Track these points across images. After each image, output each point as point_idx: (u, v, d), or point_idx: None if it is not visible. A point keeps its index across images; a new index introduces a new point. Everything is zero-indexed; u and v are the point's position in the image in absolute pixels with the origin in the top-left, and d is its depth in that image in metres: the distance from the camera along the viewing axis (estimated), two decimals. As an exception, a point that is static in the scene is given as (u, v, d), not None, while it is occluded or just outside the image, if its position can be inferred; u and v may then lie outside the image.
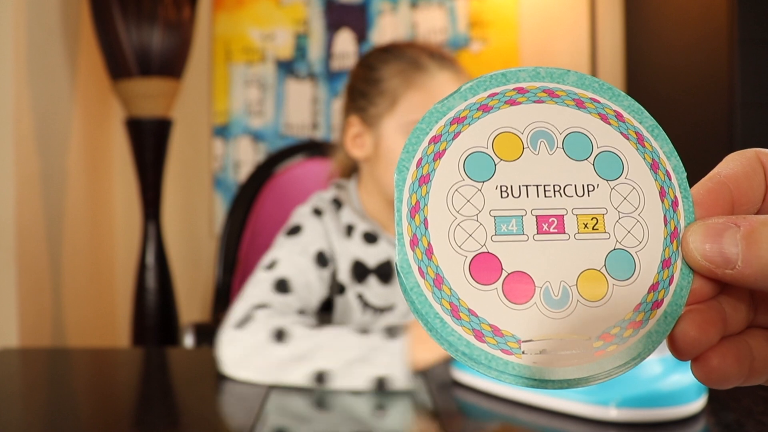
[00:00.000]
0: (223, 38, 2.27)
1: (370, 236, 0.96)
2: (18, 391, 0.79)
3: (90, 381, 0.87)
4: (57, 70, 1.85)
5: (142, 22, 1.78)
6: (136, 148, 1.88)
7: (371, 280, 0.96)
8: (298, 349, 0.77)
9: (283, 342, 0.78)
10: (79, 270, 1.95)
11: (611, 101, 0.29)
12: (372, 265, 0.96)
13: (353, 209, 0.98)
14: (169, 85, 1.87)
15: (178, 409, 0.72)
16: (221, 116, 2.27)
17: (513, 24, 2.27)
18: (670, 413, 0.65)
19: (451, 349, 0.26)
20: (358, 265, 0.95)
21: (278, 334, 0.78)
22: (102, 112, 2.18)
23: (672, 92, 1.93)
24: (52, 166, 1.79)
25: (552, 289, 0.26)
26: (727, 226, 0.25)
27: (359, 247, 0.95)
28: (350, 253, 0.95)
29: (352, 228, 0.96)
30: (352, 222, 0.96)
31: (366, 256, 0.95)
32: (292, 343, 0.77)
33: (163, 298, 1.91)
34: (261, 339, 0.79)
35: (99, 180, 2.14)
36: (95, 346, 2.02)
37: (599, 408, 0.66)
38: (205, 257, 2.29)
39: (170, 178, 2.20)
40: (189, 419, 0.72)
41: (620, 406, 0.65)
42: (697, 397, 0.67)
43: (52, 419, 0.70)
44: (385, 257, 0.96)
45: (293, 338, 0.78)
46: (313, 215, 0.96)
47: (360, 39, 2.26)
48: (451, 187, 0.27)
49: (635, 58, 2.19)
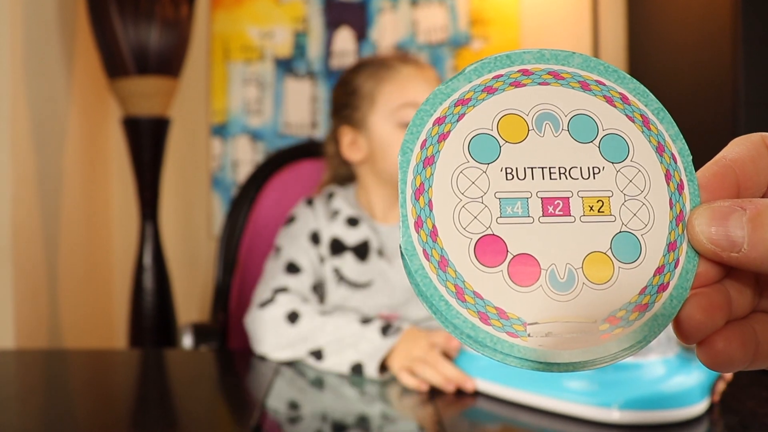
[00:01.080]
0: (221, 36, 2.27)
1: (353, 220, 1.08)
2: (14, 394, 0.79)
3: (87, 383, 0.87)
4: (54, 68, 1.85)
5: (139, 20, 1.78)
6: (134, 148, 1.88)
7: (347, 256, 1.06)
8: (305, 329, 0.90)
9: (294, 323, 0.92)
10: (76, 270, 1.95)
11: (616, 83, 0.29)
12: (350, 243, 1.06)
13: (346, 200, 1.10)
14: (167, 83, 1.87)
15: (176, 412, 0.72)
16: (219, 115, 2.27)
17: (514, 22, 2.27)
18: (673, 415, 0.65)
19: (456, 332, 0.26)
20: (336, 242, 1.06)
21: (292, 316, 0.92)
22: (99, 111, 2.18)
23: (675, 91, 1.93)
24: (49, 165, 1.79)
25: (558, 271, 0.26)
26: (732, 209, 0.25)
27: (341, 227, 1.07)
28: (332, 231, 1.07)
29: (338, 212, 1.08)
30: (339, 208, 1.09)
31: (345, 236, 1.07)
32: (301, 325, 0.91)
33: (161, 298, 1.91)
34: (277, 318, 0.93)
35: (96, 180, 2.14)
36: (92, 347, 2.02)
37: (602, 410, 0.66)
38: (203, 257, 2.29)
39: (168, 177, 2.20)
40: (187, 421, 0.72)
41: (623, 407, 0.65)
42: (700, 399, 0.67)
43: (49, 422, 0.70)
44: (363, 238, 1.07)
45: (303, 321, 0.92)
46: (306, 205, 1.11)
47: (360, 37, 2.26)
48: (455, 168, 0.27)
49: (638, 57, 2.20)
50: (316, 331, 0.90)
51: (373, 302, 1.05)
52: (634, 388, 0.66)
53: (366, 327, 0.89)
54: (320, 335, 0.89)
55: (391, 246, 1.08)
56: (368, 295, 1.04)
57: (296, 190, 1.32)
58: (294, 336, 0.91)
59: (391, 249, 1.08)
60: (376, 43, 2.26)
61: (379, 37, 2.27)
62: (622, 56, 2.28)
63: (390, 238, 1.08)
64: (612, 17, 2.28)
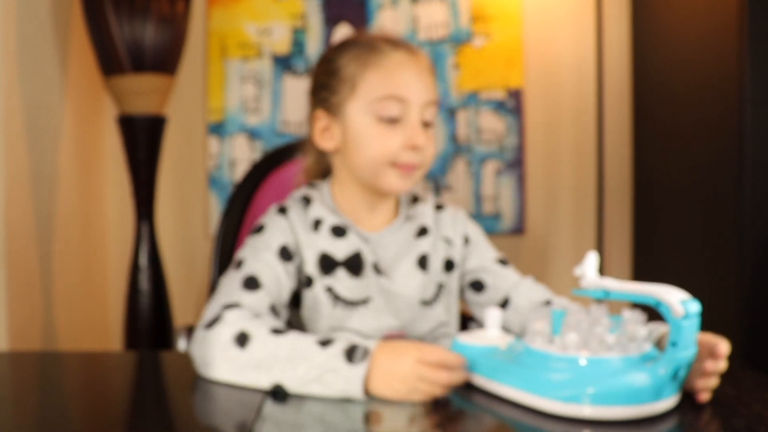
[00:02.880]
0: (218, 33, 2.27)
1: (339, 230, 0.99)
2: (7, 397, 0.79)
3: (81, 386, 0.87)
4: (48, 65, 1.85)
5: (134, 16, 1.78)
6: (129, 146, 1.88)
7: (340, 273, 0.98)
8: (257, 355, 0.79)
9: (244, 347, 0.80)
10: (71, 271, 1.95)
11: None
12: (340, 257, 0.98)
13: (323, 204, 1.02)
14: (163, 81, 1.87)
15: (171, 415, 0.72)
16: (216, 113, 2.27)
17: (517, 18, 2.27)
18: (645, 410, 0.68)
19: None
20: (325, 257, 0.98)
21: (240, 338, 0.81)
22: (94, 109, 2.18)
23: (680, 89, 1.93)
24: (43, 164, 1.79)
25: None
26: None
27: (326, 240, 0.99)
28: (317, 246, 0.98)
29: (320, 222, 1.00)
30: (320, 216, 1.00)
31: (334, 249, 0.98)
32: (251, 349, 0.80)
33: (157, 300, 1.91)
34: (224, 341, 0.82)
35: (91, 179, 2.14)
36: (87, 349, 2.02)
37: (573, 406, 0.68)
38: (200, 258, 2.29)
39: (164, 176, 2.20)
40: (183, 425, 0.72)
41: (594, 403, 0.67)
42: (670, 394, 0.70)
43: (43, 425, 0.70)
44: (354, 250, 0.99)
45: (253, 344, 0.80)
46: (278, 213, 1.01)
47: (359, 34, 2.26)
48: None
49: (643, 54, 2.20)
50: (270, 358, 0.78)
51: (377, 323, 0.98)
52: (603, 383, 0.68)
53: (325, 350, 0.78)
54: (274, 363, 0.78)
55: (386, 257, 1.01)
56: (368, 315, 0.97)
57: (294, 188, 1.32)
58: (245, 361, 0.79)
59: (386, 261, 1.00)
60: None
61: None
62: (626, 53, 2.28)
63: (382, 248, 1.01)
64: (616, 13, 2.28)
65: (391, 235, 1.03)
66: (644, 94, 2.19)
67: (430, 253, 1.03)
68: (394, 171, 0.97)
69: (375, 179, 0.99)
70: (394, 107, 0.96)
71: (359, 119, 0.98)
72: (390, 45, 0.99)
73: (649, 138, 2.15)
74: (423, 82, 0.98)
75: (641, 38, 2.20)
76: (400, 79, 0.96)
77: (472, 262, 1.07)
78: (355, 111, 0.98)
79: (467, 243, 1.08)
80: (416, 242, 1.03)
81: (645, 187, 2.19)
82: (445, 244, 1.06)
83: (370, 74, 0.97)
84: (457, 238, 1.07)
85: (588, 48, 2.27)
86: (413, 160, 0.97)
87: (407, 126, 0.96)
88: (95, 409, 0.76)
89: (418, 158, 0.97)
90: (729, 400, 0.74)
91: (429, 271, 1.02)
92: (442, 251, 1.05)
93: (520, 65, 2.28)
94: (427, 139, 0.98)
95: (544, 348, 0.73)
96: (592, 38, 2.24)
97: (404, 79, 0.96)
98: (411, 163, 0.97)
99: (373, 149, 0.97)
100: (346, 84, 0.98)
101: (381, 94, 0.96)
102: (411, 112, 0.96)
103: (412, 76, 0.97)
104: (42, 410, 0.74)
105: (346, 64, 0.99)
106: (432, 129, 1.01)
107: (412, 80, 0.97)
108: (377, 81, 0.96)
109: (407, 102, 0.96)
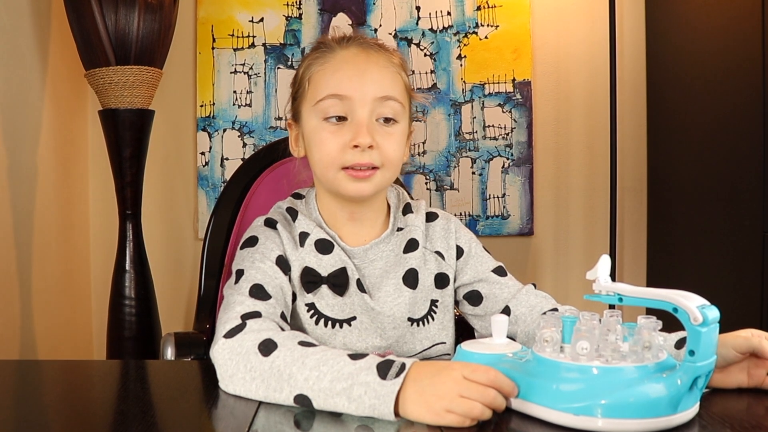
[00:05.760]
0: (207, 22, 2.27)
1: (323, 245, 1.00)
2: (-17, 408, 0.79)
3: (62, 396, 0.87)
4: (26, 57, 1.85)
5: (119, 5, 1.78)
6: (113, 142, 1.88)
7: (323, 290, 0.98)
8: (279, 362, 0.79)
9: (268, 355, 0.80)
10: (51, 275, 1.95)
11: None
12: (324, 274, 0.99)
13: (309, 217, 1.03)
14: (150, 74, 1.87)
15: (157, 427, 0.72)
16: (206, 108, 2.27)
17: (525, 6, 2.27)
18: (661, 423, 0.68)
19: None
20: (307, 271, 0.98)
21: (266, 346, 0.81)
22: (76, 103, 2.18)
23: (699, 80, 1.93)
24: (21, 161, 1.79)
25: None
26: None
27: (310, 255, 0.99)
28: (302, 261, 0.99)
29: (305, 237, 1.00)
30: (305, 230, 1.01)
31: (318, 265, 0.99)
32: (275, 356, 0.79)
33: (143, 305, 1.91)
34: (248, 348, 0.81)
35: (72, 177, 2.14)
36: (68, 358, 2.02)
37: (584, 418, 0.68)
38: (189, 261, 2.29)
39: (150, 174, 2.20)
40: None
41: (607, 415, 0.67)
42: (688, 406, 0.69)
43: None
44: (339, 265, 0.99)
45: (278, 352, 0.80)
46: (266, 227, 1.02)
47: (358, 23, 2.26)
48: None
49: (658, 43, 2.19)
50: (294, 366, 0.77)
51: (362, 343, 0.98)
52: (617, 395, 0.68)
53: (356, 362, 0.76)
54: (299, 372, 0.76)
55: (372, 273, 1.01)
56: (352, 334, 0.98)
57: (287, 187, 1.31)
58: (267, 368, 0.78)
59: (372, 278, 1.01)
60: (375, 30, 2.26)
61: (378, 23, 2.27)
62: (641, 43, 2.28)
63: (368, 263, 1.01)
64: (630, 1, 2.28)
65: (377, 249, 1.02)
66: (660, 86, 2.19)
67: (419, 268, 1.03)
68: (344, 174, 0.96)
69: (332, 185, 0.99)
70: (336, 106, 0.96)
71: (311, 123, 0.99)
72: (341, 43, 1.00)
73: (665, 133, 2.15)
74: (370, 77, 0.97)
75: (657, 26, 2.20)
76: (343, 76, 0.97)
77: (467, 274, 1.07)
78: (307, 115, 1.00)
79: (460, 255, 1.08)
80: (404, 257, 1.02)
81: (661, 185, 2.19)
82: (436, 259, 1.06)
83: (316, 75, 0.99)
84: (449, 251, 1.07)
85: (600, 37, 2.27)
86: (362, 161, 0.95)
87: (353, 125, 0.96)
88: (76, 421, 0.76)
89: (368, 158, 0.95)
90: (739, 414, 0.74)
91: (418, 288, 1.02)
92: (433, 266, 1.05)
93: (528, 56, 2.28)
94: (385, 136, 0.97)
95: (554, 356, 0.73)
96: (604, 27, 2.24)
97: (346, 75, 0.97)
98: (360, 164, 0.95)
99: (320, 152, 0.98)
100: (301, 89, 1.02)
101: (323, 94, 0.97)
102: (356, 109, 0.96)
103: (355, 73, 0.97)
104: (19, 422, 0.74)
105: (301, 70, 1.03)
106: (398, 126, 0.99)
107: (354, 76, 0.96)
108: (321, 81, 0.98)
109: (350, 99, 0.96)
